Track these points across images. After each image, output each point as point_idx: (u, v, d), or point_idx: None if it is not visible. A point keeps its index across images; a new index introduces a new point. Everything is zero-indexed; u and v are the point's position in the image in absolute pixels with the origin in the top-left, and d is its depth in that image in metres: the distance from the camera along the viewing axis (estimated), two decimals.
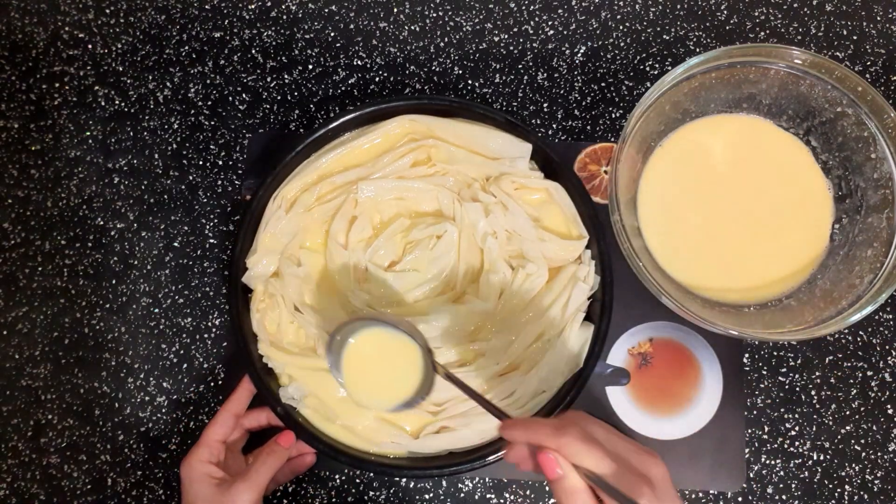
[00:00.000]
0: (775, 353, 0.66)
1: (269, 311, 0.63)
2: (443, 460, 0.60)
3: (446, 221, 0.63)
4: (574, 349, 0.60)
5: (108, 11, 0.76)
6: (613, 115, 0.71)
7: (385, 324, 0.55)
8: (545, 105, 0.71)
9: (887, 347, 0.66)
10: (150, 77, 0.74)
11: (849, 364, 0.66)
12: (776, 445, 0.64)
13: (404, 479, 0.65)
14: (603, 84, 0.72)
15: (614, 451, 0.45)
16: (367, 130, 0.65)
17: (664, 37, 0.73)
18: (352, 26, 0.74)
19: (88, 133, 0.73)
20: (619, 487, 0.42)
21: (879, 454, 0.64)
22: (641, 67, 0.72)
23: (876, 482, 0.64)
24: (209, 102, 0.73)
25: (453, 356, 0.61)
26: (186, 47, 0.75)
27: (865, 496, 0.64)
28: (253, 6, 0.75)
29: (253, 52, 0.74)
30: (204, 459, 0.58)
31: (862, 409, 0.65)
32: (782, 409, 0.65)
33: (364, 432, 0.60)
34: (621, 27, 0.73)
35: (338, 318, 0.61)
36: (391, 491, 0.65)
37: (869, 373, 0.65)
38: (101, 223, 0.71)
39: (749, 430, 0.65)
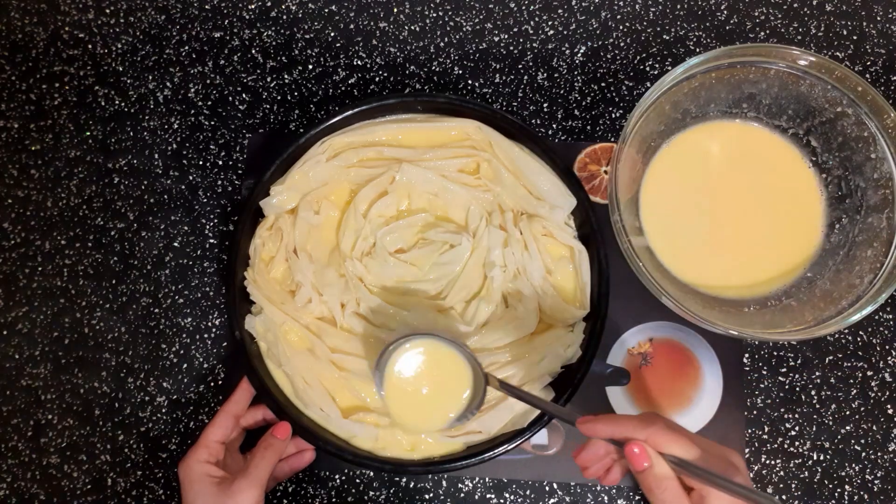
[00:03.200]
0: (775, 353, 0.66)
1: (270, 242, 0.64)
2: (443, 460, 0.60)
3: (465, 235, 0.63)
4: (517, 410, 0.60)
5: (108, 11, 0.76)
6: (613, 115, 0.71)
7: (428, 337, 0.55)
8: (545, 105, 0.71)
9: (887, 347, 0.66)
10: (150, 77, 0.74)
11: (849, 364, 0.66)
12: (776, 445, 0.64)
13: (404, 479, 0.65)
14: (603, 84, 0.72)
15: (696, 441, 0.47)
16: (434, 119, 0.65)
17: (664, 37, 0.73)
18: (352, 26, 0.74)
19: (88, 133, 0.73)
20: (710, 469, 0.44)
21: (879, 454, 0.64)
22: (641, 67, 0.72)
23: (876, 482, 0.64)
24: (209, 102, 0.73)
25: None
26: (186, 47, 0.75)
27: (865, 496, 0.64)
28: (253, 6, 0.75)
29: (253, 52, 0.74)
30: (202, 459, 0.58)
31: (862, 409, 0.65)
32: (782, 409, 0.65)
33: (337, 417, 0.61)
34: (621, 27, 0.73)
35: (328, 277, 0.62)
36: (391, 491, 0.65)
37: (869, 373, 0.65)
38: (101, 223, 0.71)
39: (749, 430, 0.65)
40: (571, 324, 0.62)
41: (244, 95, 0.73)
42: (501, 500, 0.65)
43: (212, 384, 0.68)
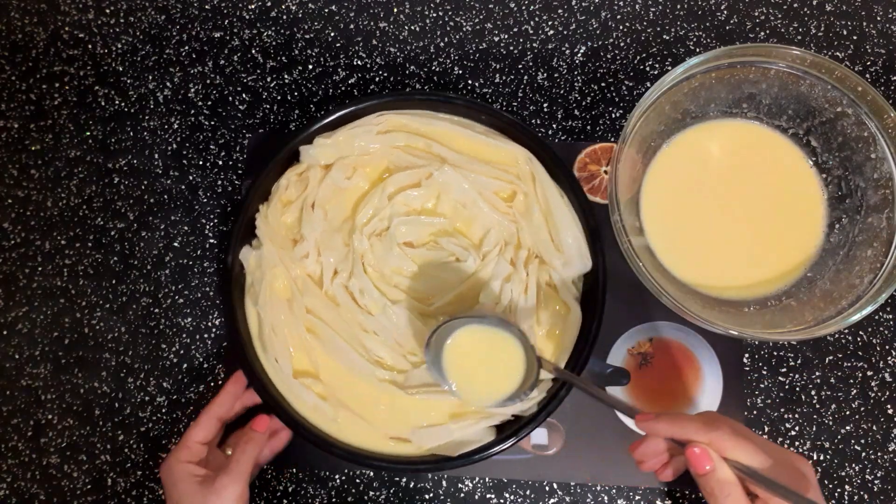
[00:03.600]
0: (775, 353, 0.66)
1: (293, 188, 0.64)
2: (442, 459, 0.60)
3: (474, 254, 0.62)
4: (455, 437, 0.60)
5: (108, 11, 0.76)
6: (613, 115, 0.71)
7: (484, 320, 0.56)
8: (545, 105, 0.71)
9: (887, 347, 0.66)
10: (150, 77, 0.74)
11: (849, 364, 0.66)
12: None
13: (404, 479, 0.65)
14: (603, 84, 0.72)
15: (762, 445, 0.45)
16: (491, 133, 0.65)
17: (664, 37, 0.73)
18: (352, 26, 0.74)
19: (88, 133, 0.73)
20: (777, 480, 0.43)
21: (879, 454, 0.64)
22: (641, 67, 0.72)
23: (876, 482, 0.64)
24: (209, 102, 0.73)
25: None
26: (186, 47, 0.75)
27: (865, 496, 0.64)
28: (253, 6, 0.75)
29: (253, 52, 0.74)
30: (183, 460, 0.57)
31: (862, 409, 0.65)
32: (782, 409, 0.65)
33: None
34: (621, 27, 0.73)
35: (333, 241, 0.63)
36: (391, 491, 0.65)
37: (869, 373, 0.65)
38: (101, 223, 0.71)
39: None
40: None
41: (244, 95, 0.73)
42: (501, 500, 0.65)
43: (212, 384, 0.68)
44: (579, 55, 0.73)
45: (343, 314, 0.62)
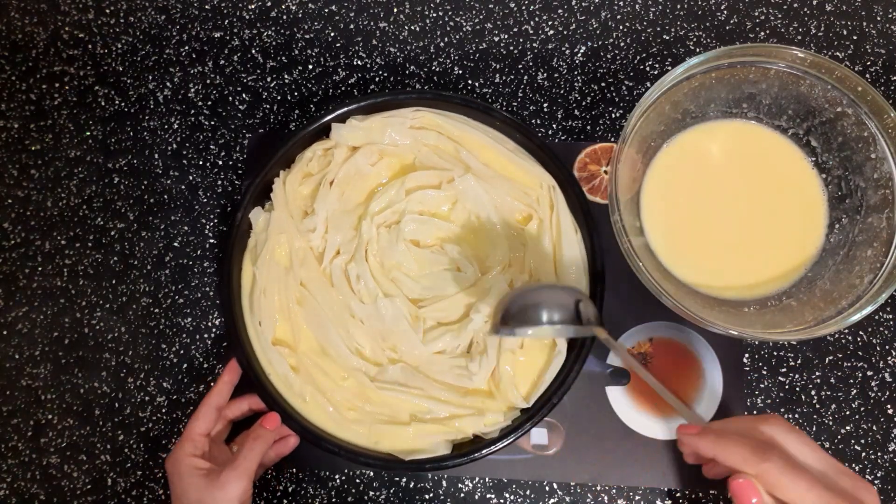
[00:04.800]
0: (775, 353, 0.66)
1: (316, 161, 0.65)
2: (442, 458, 0.60)
3: (475, 268, 0.62)
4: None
5: (108, 11, 0.76)
6: (613, 115, 0.71)
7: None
8: (545, 105, 0.71)
9: (887, 347, 0.66)
10: (150, 77, 0.74)
11: (849, 364, 0.66)
12: None
13: (404, 479, 0.65)
14: (603, 84, 0.72)
15: (821, 473, 0.40)
16: (521, 153, 0.65)
17: (664, 37, 0.73)
18: (352, 26, 0.74)
19: (88, 133, 0.73)
20: None
21: (879, 454, 0.64)
22: (641, 67, 0.72)
23: (876, 482, 0.64)
24: (209, 102, 0.73)
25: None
26: (186, 47, 0.75)
27: None
28: (253, 6, 0.75)
29: (253, 52, 0.74)
30: (188, 453, 0.58)
31: (862, 409, 0.65)
32: (782, 409, 0.65)
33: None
34: (621, 27, 0.73)
35: (343, 222, 0.63)
36: (391, 491, 0.65)
37: (869, 373, 0.65)
38: (101, 223, 0.71)
39: None
40: (507, 413, 0.61)
41: (244, 95, 0.73)
42: (501, 500, 0.65)
43: (212, 384, 0.68)
44: (579, 55, 0.73)
45: (335, 295, 0.62)
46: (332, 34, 0.74)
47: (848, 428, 0.65)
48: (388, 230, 0.63)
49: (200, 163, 0.72)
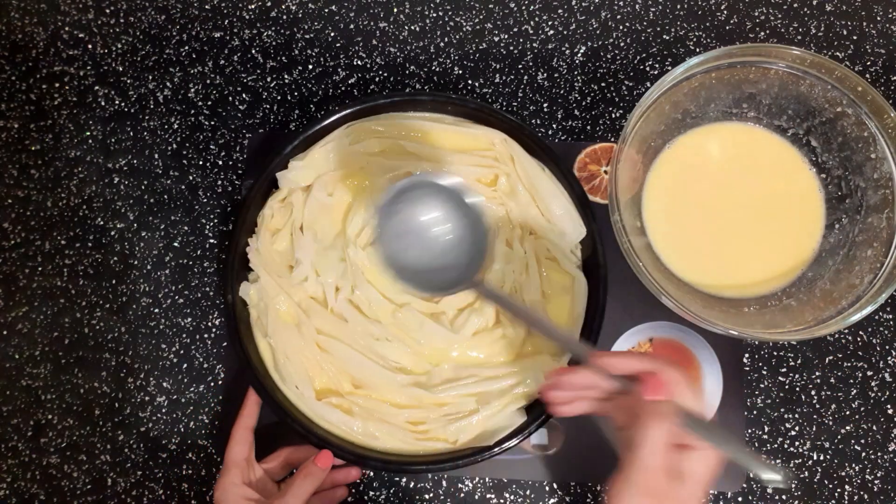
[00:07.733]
0: (775, 353, 0.66)
1: (278, 215, 0.64)
2: (442, 458, 0.60)
3: None
4: (488, 426, 0.60)
5: (108, 11, 0.76)
6: (613, 115, 0.71)
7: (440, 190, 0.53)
8: (545, 105, 0.71)
9: (887, 347, 0.66)
10: (150, 77, 0.74)
11: (849, 364, 0.66)
12: (776, 445, 0.64)
13: (404, 479, 0.65)
14: (603, 84, 0.72)
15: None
16: (461, 122, 0.65)
17: (664, 37, 0.73)
18: (352, 26, 0.74)
19: (88, 133, 0.73)
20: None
21: (879, 454, 0.64)
22: (641, 67, 0.72)
23: (876, 482, 0.64)
24: (209, 102, 0.73)
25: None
26: (186, 47, 0.75)
27: (865, 496, 0.64)
28: (253, 6, 0.75)
29: (253, 52, 0.74)
30: (237, 482, 0.58)
31: (862, 409, 0.65)
32: (782, 409, 0.65)
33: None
34: (621, 27, 0.73)
35: (329, 259, 0.63)
36: (391, 491, 0.65)
37: (869, 373, 0.65)
38: (101, 223, 0.71)
39: (749, 430, 0.65)
40: (557, 354, 0.61)
41: (244, 95, 0.73)
42: (501, 500, 0.65)
43: (212, 384, 0.68)
44: (579, 55, 0.73)
45: (353, 328, 0.62)
46: (332, 34, 0.74)
47: (848, 428, 0.65)
48: (374, 247, 0.63)
49: (200, 163, 0.72)
